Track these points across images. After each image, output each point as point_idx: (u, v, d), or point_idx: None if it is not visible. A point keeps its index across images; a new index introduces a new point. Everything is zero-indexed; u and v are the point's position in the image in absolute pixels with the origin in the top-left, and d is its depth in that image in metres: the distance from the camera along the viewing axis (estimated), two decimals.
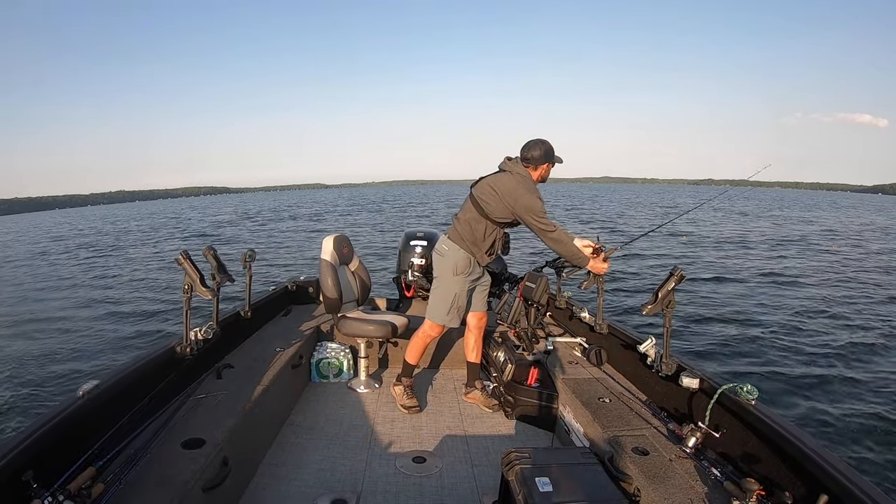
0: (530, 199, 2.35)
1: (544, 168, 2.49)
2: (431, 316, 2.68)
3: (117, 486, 1.44)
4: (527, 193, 2.36)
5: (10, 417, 4.40)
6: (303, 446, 2.35)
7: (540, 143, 2.45)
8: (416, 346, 2.78)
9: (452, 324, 2.67)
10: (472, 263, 2.56)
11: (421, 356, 2.84)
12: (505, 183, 2.42)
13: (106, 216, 54.04)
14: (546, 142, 2.47)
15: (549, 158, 2.47)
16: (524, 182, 2.41)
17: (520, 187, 2.38)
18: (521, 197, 2.36)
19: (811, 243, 16.64)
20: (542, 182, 2.54)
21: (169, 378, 2.06)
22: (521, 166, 2.47)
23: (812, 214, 32.30)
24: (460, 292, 2.59)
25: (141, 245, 19.27)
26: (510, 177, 2.44)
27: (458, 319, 2.67)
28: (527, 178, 2.44)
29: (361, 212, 35.83)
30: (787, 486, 1.48)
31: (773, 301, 8.40)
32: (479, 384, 2.86)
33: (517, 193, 2.37)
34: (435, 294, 2.66)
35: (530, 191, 2.38)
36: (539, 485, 1.46)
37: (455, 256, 2.53)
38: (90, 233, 28.34)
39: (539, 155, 2.44)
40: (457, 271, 2.54)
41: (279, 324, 3.34)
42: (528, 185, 2.42)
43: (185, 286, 2.14)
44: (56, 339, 6.69)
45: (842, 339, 6.38)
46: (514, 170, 2.47)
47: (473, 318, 2.80)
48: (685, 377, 1.99)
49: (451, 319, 2.64)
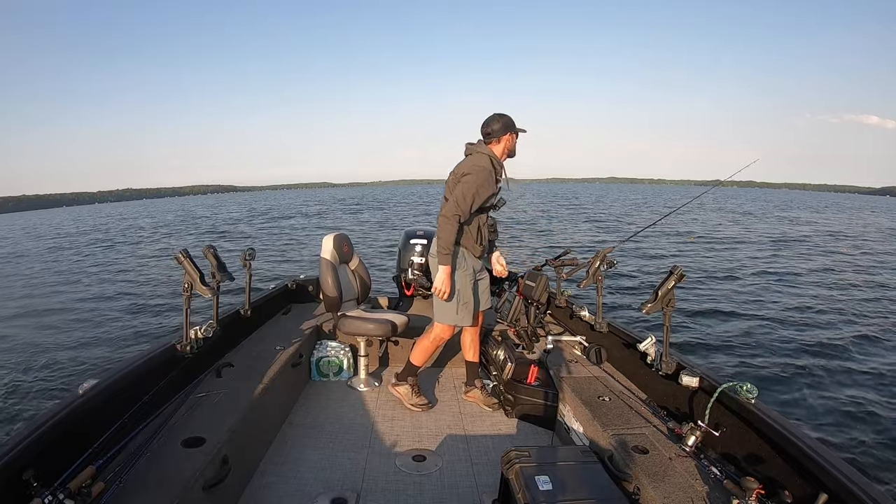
0: (465, 187, 2.35)
1: (507, 139, 2.46)
2: (440, 318, 2.60)
3: (117, 485, 1.44)
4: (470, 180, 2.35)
5: (10, 416, 4.40)
6: (303, 445, 2.35)
7: (498, 117, 2.45)
8: (427, 349, 2.71)
9: (464, 322, 2.60)
10: (466, 256, 2.53)
11: (428, 360, 2.79)
12: (460, 166, 2.44)
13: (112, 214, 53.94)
14: (504, 114, 2.46)
15: (509, 129, 2.45)
16: (474, 167, 2.38)
17: (466, 169, 2.38)
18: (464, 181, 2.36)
19: (817, 244, 16.63)
20: (510, 156, 2.52)
21: (169, 377, 2.05)
22: (481, 146, 2.46)
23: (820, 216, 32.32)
24: (463, 288, 2.53)
25: (148, 243, 19.26)
26: (467, 159, 2.46)
27: (470, 317, 2.59)
28: (482, 158, 2.41)
29: (365, 210, 35.85)
30: (787, 485, 1.48)
31: (773, 300, 8.41)
32: (478, 383, 2.85)
33: (461, 175, 2.38)
34: None
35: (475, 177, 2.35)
36: (539, 483, 1.46)
37: None
38: (95, 230, 28.31)
39: (499, 127, 2.43)
40: (456, 267, 2.51)
41: (279, 322, 3.34)
42: (478, 169, 2.37)
43: (184, 285, 2.14)
44: (56, 338, 6.69)
45: (843, 340, 6.38)
46: (473, 150, 2.47)
47: None
48: (685, 376, 1.99)
49: (462, 318, 2.57)
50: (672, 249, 14.48)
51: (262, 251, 13.84)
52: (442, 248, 2.38)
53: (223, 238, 19.52)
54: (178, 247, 2.25)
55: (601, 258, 2.75)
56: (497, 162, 2.45)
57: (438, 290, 2.45)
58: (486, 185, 2.37)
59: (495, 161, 2.44)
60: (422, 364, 2.77)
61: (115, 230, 27.35)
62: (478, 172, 2.35)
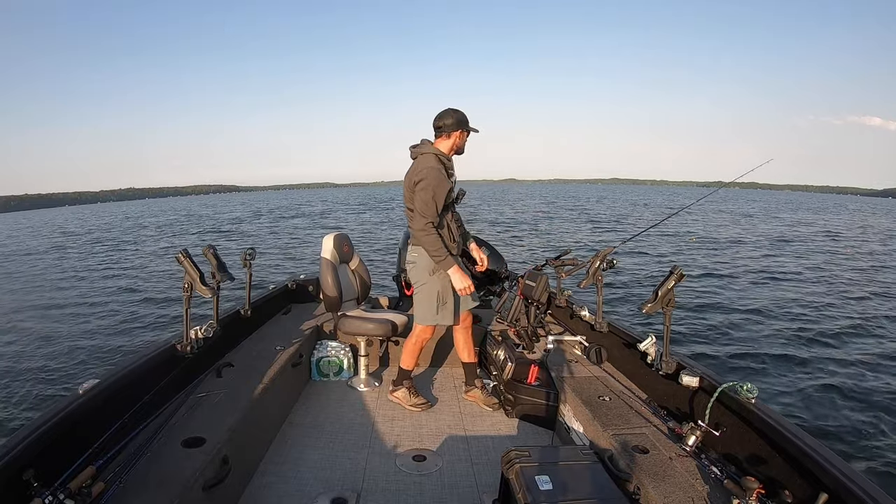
0: (423, 195, 2.35)
1: (458, 136, 2.46)
2: (421, 319, 2.63)
3: (118, 485, 1.44)
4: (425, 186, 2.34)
5: (10, 416, 4.40)
6: (303, 445, 2.35)
7: (452, 112, 2.44)
8: (411, 351, 2.75)
9: (445, 321, 2.62)
10: None
11: (416, 361, 2.81)
12: (410, 173, 2.44)
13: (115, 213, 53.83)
14: (458, 110, 2.45)
15: (462, 125, 2.45)
16: (423, 170, 2.37)
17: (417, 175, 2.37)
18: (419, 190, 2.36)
19: (818, 245, 16.61)
20: (459, 153, 2.52)
21: (169, 377, 2.05)
22: (424, 145, 2.47)
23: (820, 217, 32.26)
24: (443, 289, 2.54)
25: (151, 242, 19.25)
26: (414, 164, 2.46)
27: (451, 316, 2.62)
28: (428, 159, 2.40)
29: (367, 211, 35.81)
30: (787, 485, 1.48)
31: (773, 301, 8.40)
32: (478, 382, 2.85)
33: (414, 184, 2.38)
34: (418, 298, 2.62)
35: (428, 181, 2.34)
36: (539, 483, 1.46)
37: (424, 259, 2.51)
38: (99, 229, 28.29)
39: (451, 122, 2.42)
40: (432, 270, 2.52)
41: (279, 322, 3.35)
42: (427, 171, 2.36)
43: (184, 285, 2.14)
44: (56, 337, 6.69)
45: (843, 340, 6.39)
46: (417, 153, 2.47)
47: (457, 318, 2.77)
48: (685, 376, 1.99)
49: (443, 317, 2.59)
50: (672, 250, 14.48)
51: (264, 251, 13.84)
52: (437, 257, 2.41)
53: (226, 237, 19.51)
54: (182, 245, 2.25)
55: (601, 258, 2.75)
56: (445, 157, 2.45)
57: (463, 290, 2.47)
58: (441, 185, 2.38)
59: (442, 157, 2.44)
60: (411, 366, 2.79)
61: (118, 229, 27.32)
62: (429, 175, 2.35)
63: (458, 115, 2.44)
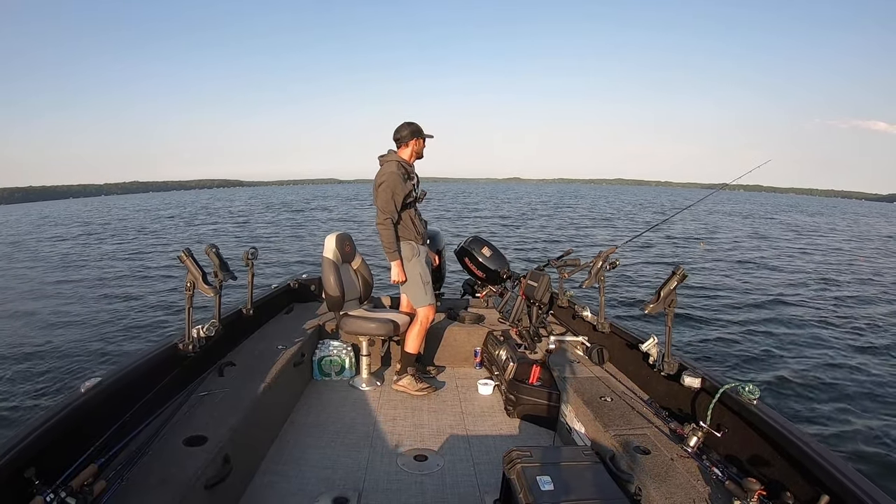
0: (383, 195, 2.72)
1: (415, 143, 2.85)
2: (420, 303, 2.92)
3: (119, 484, 1.44)
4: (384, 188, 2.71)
5: (12, 414, 4.42)
6: (304, 444, 2.35)
7: (406, 124, 2.84)
8: (418, 335, 2.92)
9: (433, 299, 2.96)
10: (414, 245, 2.89)
11: (421, 344, 2.98)
12: (376, 177, 2.79)
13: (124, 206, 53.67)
14: (412, 122, 2.85)
15: (417, 135, 2.84)
16: (384, 175, 2.74)
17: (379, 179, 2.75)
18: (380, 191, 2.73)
19: (825, 250, 16.54)
20: (419, 158, 2.90)
21: (171, 375, 2.06)
22: (390, 154, 2.84)
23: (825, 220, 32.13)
24: (423, 271, 2.91)
25: (154, 239, 19.27)
26: (379, 170, 2.80)
27: (433, 294, 2.99)
28: (390, 165, 2.76)
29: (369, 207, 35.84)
30: (789, 486, 1.48)
31: (774, 302, 8.38)
32: (410, 370, 2.95)
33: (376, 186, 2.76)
34: (408, 285, 2.90)
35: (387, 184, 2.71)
36: (540, 483, 1.46)
37: (404, 247, 2.86)
38: (100, 222, 28.31)
39: (407, 133, 2.83)
40: (409, 258, 2.87)
41: (281, 322, 3.35)
42: (387, 176, 2.72)
43: (187, 284, 2.15)
44: (58, 336, 6.70)
45: (845, 341, 6.37)
46: (383, 161, 2.83)
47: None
48: (687, 376, 1.98)
49: (431, 296, 2.94)
50: (676, 251, 14.45)
51: (266, 249, 13.84)
52: (387, 248, 2.79)
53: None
54: (184, 244, 2.26)
55: (604, 258, 2.74)
56: (406, 163, 2.81)
57: (396, 280, 2.86)
58: (399, 187, 2.73)
59: (403, 163, 2.80)
60: (417, 351, 2.98)
61: (123, 225, 27.31)
62: (388, 179, 2.71)
63: (412, 127, 2.84)
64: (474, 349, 3.34)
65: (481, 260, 3.66)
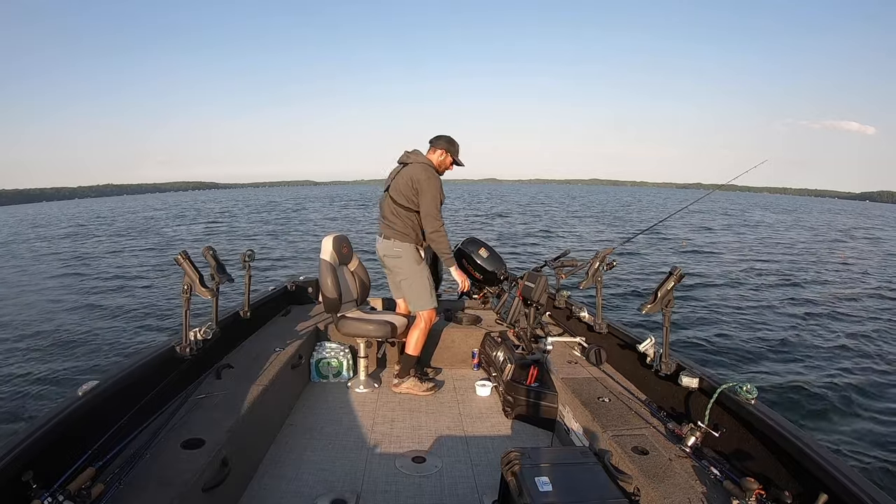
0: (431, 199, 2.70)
1: (443, 154, 2.84)
2: (423, 307, 2.90)
3: (117, 487, 1.44)
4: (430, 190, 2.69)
5: (10, 418, 4.39)
6: (302, 446, 2.35)
7: (448, 137, 2.87)
8: (420, 338, 2.91)
9: (436, 303, 2.97)
10: (421, 251, 2.91)
11: (423, 347, 2.97)
12: (412, 176, 2.72)
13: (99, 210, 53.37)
14: (455, 141, 2.87)
15: (450, 151, 2.84)
16: (425, 174, 2.71)
17: (420, 177, 2.70)
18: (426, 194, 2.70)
19: (813, 248, 16.64)
20: (439, 172, 2.84)
21: (168, 378, 2.05)
22: (420, 155, 2.81)
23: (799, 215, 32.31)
24: (428, 276, 2.93)
25: (147, 243, 19.20)
26: (415, 168, 2.74)
27: (436, 298, 2.99)
28: (428, 169, 2.74)
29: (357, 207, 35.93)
30: (787, 486, 1.49)
31: (772, 301, 8.42)
32: (412, 371, 2.95)
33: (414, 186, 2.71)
34: (414, 288, 2.89)
35: (433, 184, 2.70)
36: (539, 484, 1.46)
37: (410, 252, 2.84)
38: (95, 225, 28.20)
39: (444, 143, 2.84)
40: (418, 261, 2.88)
41: (278, 324, 3.34)
42: (430, 172, 2.73)
43: (184, 286, 2.14)
44: (55, 339, 6.67)
45: (842, 341, 6.40)
46: (416, 160, 2.79)
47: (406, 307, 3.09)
48: (684, 376, 1.99)
49: (434, 299, 2.95)
50: (668, 252, 14.49)
51: (263, 252, 13.80)
52: (447, 255, 2.86)
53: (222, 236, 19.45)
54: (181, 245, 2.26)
55: (601, 259, 2.75)
56: (433, 168, 2.80)
57: (466, 288, 3.06)
58: (442, 191, 2.76)
59: (432, 166, 2.79)
60: (418, 352, 2.96)
61: (115, 228, 27.23)
62: (431, 180, 2.71)
63: (451, 142, 2.86)
64: (472, 351, 3.34)
65: (478, 261, 3.66)
